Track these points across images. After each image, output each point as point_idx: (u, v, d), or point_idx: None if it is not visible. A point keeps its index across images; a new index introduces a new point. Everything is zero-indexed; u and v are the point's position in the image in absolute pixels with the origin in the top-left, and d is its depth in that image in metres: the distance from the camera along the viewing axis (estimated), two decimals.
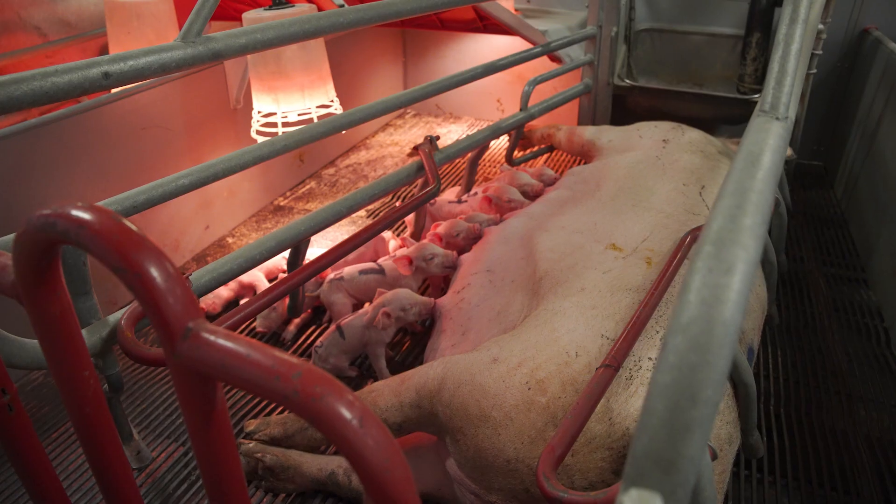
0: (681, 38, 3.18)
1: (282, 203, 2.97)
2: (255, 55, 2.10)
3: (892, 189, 2.25)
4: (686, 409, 0.48)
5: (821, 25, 2.48)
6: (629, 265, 1.55)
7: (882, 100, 2.55)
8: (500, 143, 3.56)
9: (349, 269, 2.00)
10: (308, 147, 2.94)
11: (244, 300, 2.15)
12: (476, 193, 2.48)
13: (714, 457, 1.08)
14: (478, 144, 2.30)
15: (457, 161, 3.27)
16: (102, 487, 0.80)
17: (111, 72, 1.15)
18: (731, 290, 0.50)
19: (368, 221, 2.78)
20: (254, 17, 2.02)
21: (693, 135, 2.28)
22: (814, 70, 2.62)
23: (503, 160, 3.30)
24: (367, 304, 2.03)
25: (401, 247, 2.22)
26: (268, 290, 1.41)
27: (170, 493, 1.53)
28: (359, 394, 1.48)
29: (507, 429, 1.22)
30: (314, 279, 2.03)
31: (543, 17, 3.26)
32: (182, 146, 2.41)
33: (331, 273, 2.04)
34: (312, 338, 2.06)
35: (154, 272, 0.55)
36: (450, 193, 2.58)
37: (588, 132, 2.58)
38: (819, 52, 2.61)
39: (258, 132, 2.25)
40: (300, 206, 2.94)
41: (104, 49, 2.99)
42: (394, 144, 3.64)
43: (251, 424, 1.61)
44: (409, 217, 2.46)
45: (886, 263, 2.20)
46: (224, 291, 2.15)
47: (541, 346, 1.31)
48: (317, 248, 2.21)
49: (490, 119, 3.95)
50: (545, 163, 3.28)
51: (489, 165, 3.32)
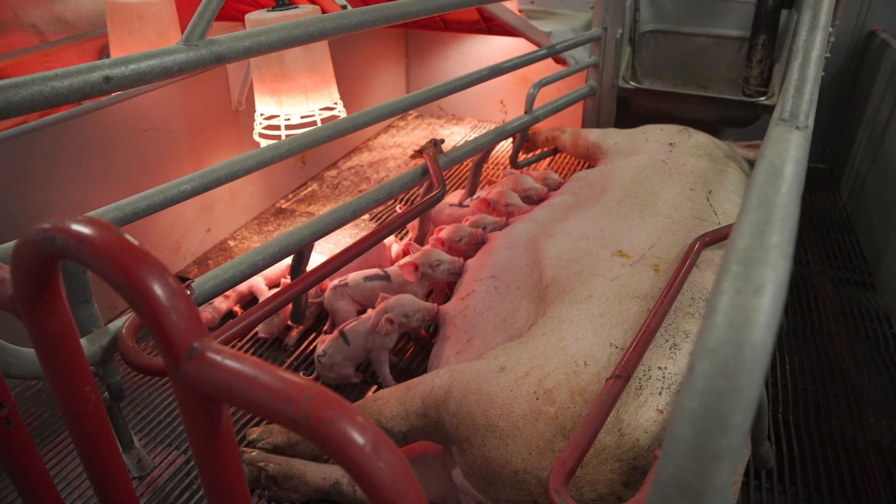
0: (685, 40, 3.15)
1: (283, 205, 2.94)
2: (258, 57, 2.08)
3: None
4: (715, 437, 0.46)
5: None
6: (637, 272, 1.53)
7: (890, 102, 2.53)
8: (504, 146, 3.54)
9: (353, 276, 1.97)
10: (310, 149, 2.91)
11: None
12: (479, 197, 2.46)
13: None
14: (482, 148, 2.27)
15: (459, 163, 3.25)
16: (102, 502, 0.78)
17: (112, 76, 1.13)
18: (761, 312, 0.48)
19: (371, 224, 2.76)
20: (257, 19, 2.00)
21: (700, 138, 2.26)
22: (822, 73, 2.60)
23: (507, 163, 3.28)
24: (370, 310, 2.01)
25: (404, 252, 2.19)
26: (272, 298, 1.39)
27: (171, 503, 1.51)
28: (363, 402, 1.46)
29: (515, 439, 1.20)
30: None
31: (547, 19, 3.24)
32: (183, 149, 2.38)
33: (334, 279, 2.01)
34: (315, 344, 2.04)
35: (157, 290, 0.53)
36: (452, 196, 2.55)
37: (593, 135, 2.56)
38: (827, 55, 2.59)
39: (261, 135, 2.23)
40: (302, 209, 2.91)
41: (103, 49, 2.96)
42: (396, 146, 3.62)
43: (254, 432, 1.59)
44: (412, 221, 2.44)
45: (895, 268, 2.17)
46: (223, 303, 2.09)
47: (549, 355, 1.29)
48: (317, 252, 2.19)
49: (493, 120, 3.93)
50: (548, 165, 3.25)
51: (493, 168, 3.30)
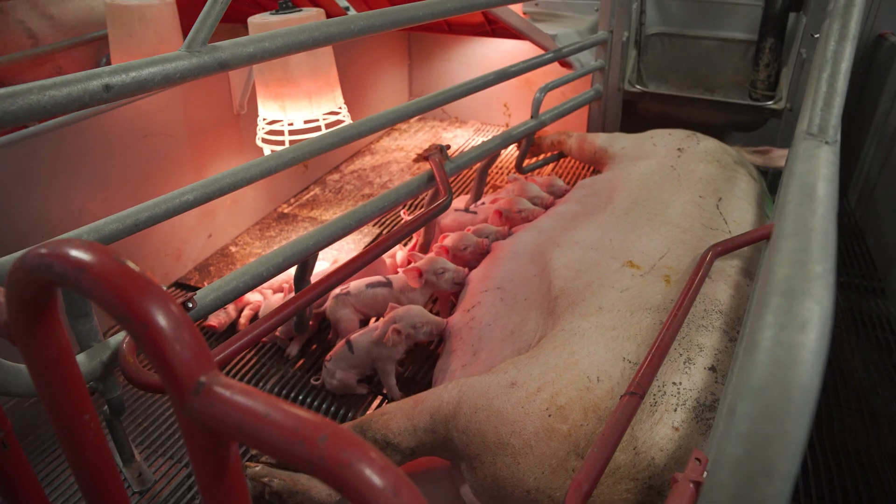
0: (692, 43, 3.12)
1: (286, 210, 2.91)
2: None
3: None
4: (761, 486, 0.43)
5: None
6: (648, 283, 1.50)
7: None
8: (509, 150, 3.50)
9: (356, 284, 1.94)
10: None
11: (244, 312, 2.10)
12: (484, 203, 2.42)
13: None
14: (489, 153, 2.24)
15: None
16: None
17: (112, 84, 1.09)
18: (808, 350, 0.45)
19: (375, 230, 2.73)
20: (260, 22, 1.97)
21: (708, 144, 2.22)
22: None
23: (512, 168, 3.24)
24: (373, 320, 1.97)
25: (408, 260, 2.16)
26: (278, 310, 1.36)
27: None
28: (370, 416, 1.42)
29: (527, 457, 1.17)
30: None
31: (552, 21, 3.21)
32: (184, 154, 2.35)
33: (336, 288, 1.97)
34: (318, 354, 2.01)
35: (161, 321, 0.50)
36: (457, 201, 2.52)
37: (600, 139, 2.52)
38: None
39: (264, 140, 2.20)
40: (304, 214, 2.88)
41: (99, 52, 2.93)
42: (399, 150, 3.58)
43: None
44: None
45: None
46: (233, 309, 2.08)
47: (560, 370, 1.26)
48: (320, 258, 2.15)
49: (496, 124, 3.89)
50: (553, 170, 3.22)
51: (497, 173, 3.27)
